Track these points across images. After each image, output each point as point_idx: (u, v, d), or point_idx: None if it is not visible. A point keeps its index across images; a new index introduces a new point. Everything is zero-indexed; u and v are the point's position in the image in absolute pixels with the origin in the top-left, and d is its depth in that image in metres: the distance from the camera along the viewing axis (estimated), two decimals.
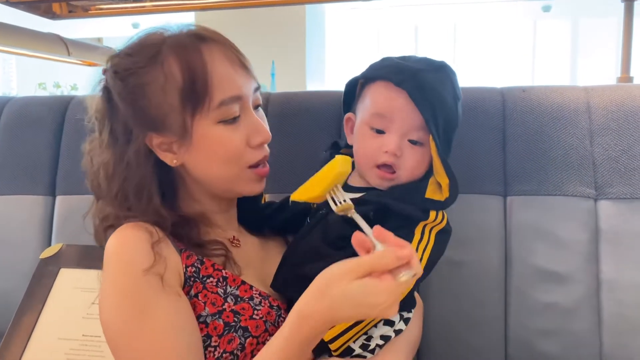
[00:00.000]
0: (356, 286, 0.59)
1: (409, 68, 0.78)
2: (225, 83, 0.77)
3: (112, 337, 0.72)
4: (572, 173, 1.06)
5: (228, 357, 0.74)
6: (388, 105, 0.79)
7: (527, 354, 1.05)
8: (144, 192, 0.78)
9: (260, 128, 0.81)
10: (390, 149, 0.78)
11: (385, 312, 0.60)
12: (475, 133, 1.11)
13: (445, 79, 0.80)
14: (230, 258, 0.82)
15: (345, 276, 0.60)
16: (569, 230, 1.05)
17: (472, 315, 1.07)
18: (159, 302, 0.71)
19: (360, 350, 0.77)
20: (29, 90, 5.04)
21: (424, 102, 0.75)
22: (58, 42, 1.89)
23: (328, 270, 0.63)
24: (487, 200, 1.09)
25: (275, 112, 1.20)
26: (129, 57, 0.77)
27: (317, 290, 0.63)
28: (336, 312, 0.62)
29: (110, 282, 0.73)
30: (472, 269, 1.08)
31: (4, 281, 1.25)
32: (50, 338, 1.07)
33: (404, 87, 0.76)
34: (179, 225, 0.80)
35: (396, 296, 0.59)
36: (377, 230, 0.62)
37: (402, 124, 0.78)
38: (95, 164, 0.81)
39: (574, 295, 1.04)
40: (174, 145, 0.79)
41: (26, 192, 1.28)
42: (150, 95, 0.76)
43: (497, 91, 1.14)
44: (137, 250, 0.73)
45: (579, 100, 1.09)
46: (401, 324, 0.81)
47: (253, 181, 0.83)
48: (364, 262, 0.60)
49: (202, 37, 0.78)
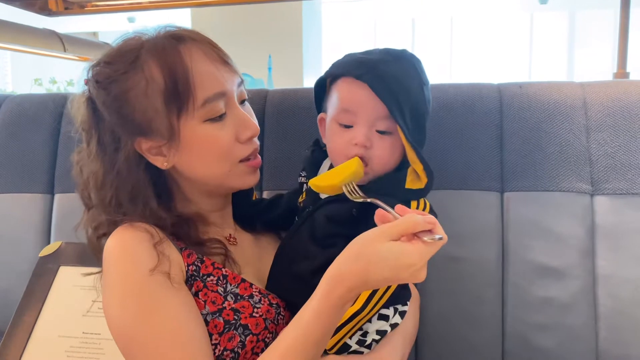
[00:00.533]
0: (390, 247, 0.61)
1: (368, 61, 0.79)
2: (207, 81, 0.77)
3: (123, 338, 0.72)
4: (568, 169, 1.07)
5: (229, 355, 0.74)
6: (351, 100, 0.80)
7: (524, 349, 1.06)
8: (139, 197, 0.78)
9: (247, 122, 0.81)
10: (358, 141, 0.79)
11: (416, 275, 0.62)
12: (472, 129, 1.11)
13: (407, 66, 0.81)
14: (230, 256, 0.83)
15: (380, 238, 0.62)
16: (566, 226, 1.05)
17: (470, 310, 1.08)
18: (168, 300, 0.72)
19: (357, 346, 0.78)
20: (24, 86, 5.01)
21: (385, 92, 0.76)
22: (54, 37, 1.87)
23: (362, 235, 0.64)
24: (484, 196, 1.09)
25: (273, 109, 1.20)
26: (108, 65, 0.77)
27: (352, 253, 0.65)
28: (371, 273, 0.63)
29: (115, 283, 0.73)
30: (469, 265, 1.08)
31: (4, 280, 1.25)
32: (50, 336, 1.08)
33: (364, 80, 0.77)
34: (178, 225, 0.80)
35: (426, 258, 0.62)
36: (399, 207, 0.65)
37: (368, 115, 0.79)
38: (85, 174, 0.81)
39: (571, 291, 1.04)
40: (164, 148, 0.79)
41: (24, 190, 1.27)
42: (134, 101, 0.76)
43: (494, 87, 1.14)
44: (139, 250, 0.73)
45: (575, 96, 1.09)
46: (397, 318, 0.81)
47: (246, 174, 0.83)
48: (396, 224, 0.62)
49: (179, 38, 0.78)
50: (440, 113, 1.12)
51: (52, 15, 1.67)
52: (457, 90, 1.14)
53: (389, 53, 0.82)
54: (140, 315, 0.71)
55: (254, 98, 1.22)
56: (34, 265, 1.15)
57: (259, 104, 1.20)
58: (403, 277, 0.62)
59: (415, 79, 0.80)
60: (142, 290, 0.72)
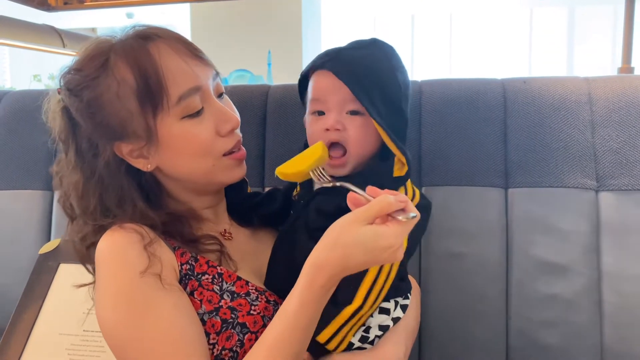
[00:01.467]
0: (366, 231, 0.62)
1: (333, 50, 0.82)
2: (179, 77, 0.75)
3: (115, 341, 0.72)
4: (573, 165, 1.06)
5: (227, 354, 0.74)
6: (319, 88, 0.82)
7: (529, 345, 1.05)
8: (125, 201, 0.77)
9: (227, 115, 0.80)
10: (329, 125, 0.80)
11: (394, 255, 0.63)
12: (476, 125, 1.10)
13: (375, 52, 0.82)
14: (225, 253, 0.81)
15: (355, 223, 0.63)
16: (570, 222, 1.05)
17: (474, 307, 1.07)
18: (159, 301, 0.71)
19: (360, 343, 0.77)
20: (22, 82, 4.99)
21: (347, 74, 0.78)
22: (52, 33, 1.86)
23: (338, 221, 0.65)
24: (488, 193, 1.09)
25: (275, 104, 1.19)
26: (78, 72, 0.75)
27: (329, 241, 0.65)
28: (350, 259, 0.63)
29: (107, 286, 0.72)
30: (473, 261, 1.08)
31: (4, 277, 1.25)
32: (51, 333, 1.07)
33: (327, 67, 0.80)
34: (169, 224, 0.79)
35: (402, 238, 0.63)
36: (370, 189, 0.65)
37: (335, 99, 0.80)
38: (65, 185, 0.80)
39: (575, 287, 1.04)
40: (144, 150, 0.77)
41: (24, 187, 1.26)
42: (107, 105, 0.74)
43: (498, 83, 1.13)
44: (130, 252, 0.72)
45: (580, 91, 1.08)
46: (398, 312, 0.81)
47: (232, 167, 0.82)
48: (370, 207, 0.63)
49: (147, 37, 0.76)
50: (443, 108, 1.12)
51: (52, 10, 1.66)
52: (461, 85, 1.13)
53: (357, 42, 0.83)
54: (131, 318, 0.70)
55: (255, 94, 1.21)
56: (34, 263, 1.14)
57: (261, 100, 1.19)
58: (382, 259, 0.63)
59: (383, 62, 0.81)
60: (132, 293, 0.71)
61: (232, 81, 2.33)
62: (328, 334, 0.74)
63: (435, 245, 1.09)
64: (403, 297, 0.83)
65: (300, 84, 0.88)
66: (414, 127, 1.12)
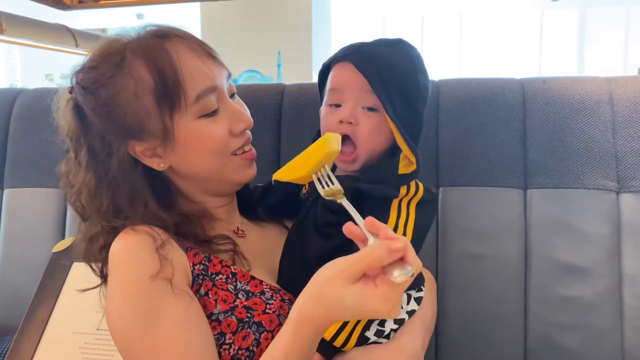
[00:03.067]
0: (351, 293, 0.55)
1: (356, 44, 0.82)
2: (196, 76, 0.75)
3: (122, 344, 0.71)
4: (594, 166, 1.05)
5: (244, 353, 0.73)
6: (338, 79, 0.82)
7: (547, 348, 1.04)
8: (138, 200, 0.76)
9: (240, 115, 0.80)
10: (343, 117, 0.79)
11: (387, 316, 0.55)
12: (495, 125, 1.09)
13: (399, 52, 0.81)
14: (239, 252, 0.81)
15: (338, 279, 0.56)
16: (591, 224, 1.03)
17: (492, 309, 1.06)
18: (168, 307, 0.70)
19: (376, 337, 0.76)
20: (34, 82, 5.02)
21: (367, 67, 0.78)
22: (66, 33, 1.86)
23: (320, 272, 0.59)
24: (506, 194, 1.07)
25: (290, 103, 1.18)
26: (94, 69, 0.74)
27: (312, 294, 0.59)
28: (334, 316, 0.59)
29: (117, 289, 0.72)
30: (491, 263, 1.06)
31: (18, 275, 1.25)
32: (64, 332, 1.07)
33: (348, 59, 0.80)
34: (182, 225, 0.78)
35: (394, 300, 0.55)
36: (369, 222, 0.58)
37: (352, 92, 0.80)
38: (76, 185, 0.78)
39: (595, 290, 1.02)
40: (159, 149, 0.77)
41: (39, 185, 1.27)
42: (124, 103, 0.73)
43: (517, 82, 1.12)
44: (141, 255, 0.72)
45: (601, 91, 1.07)
46: (413, 304, 0.80)
47: (242, 167, 0.82)
48: (355, 261, 0.55)
49: (163, 35, 0.76)
50: (461, 108, 1.10)
51: (67, 9, 1.66)
52: (479, 85, 1.12)
53: (382, 40, 0.83)
54: (138, 324, 0.69)
55: (271, 93, 1.20)
56: (47, 261, 1.14)
57: (276, 99, 1.19)
58: (371, 317, 0.58)
59: (405, 62, 0.81)
60: (141, 298, 0.70)
61: (242, 82, 2.33)
62: (332, 331, 0.73)
63: (452, 246, 1.08)
64: (417, 290, 0.82)
65: (321, 76, 0.88)
66: (431, 126, 1.11)
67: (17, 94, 1.32)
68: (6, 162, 1.31)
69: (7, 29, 1.58)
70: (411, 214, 0.78)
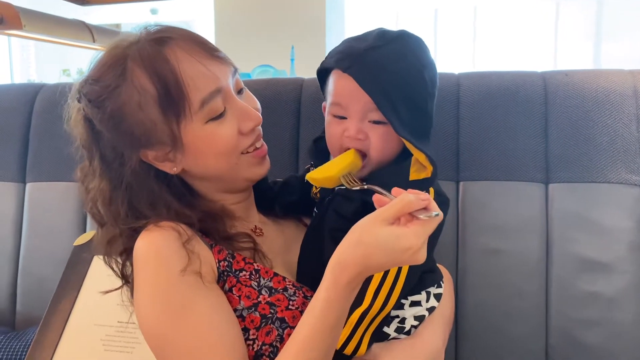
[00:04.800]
0: (387, 232, 0.61)
1: (356, 51, 0.77)
2: (199, 81, 0.74)
3: (153, 341, 0.72)
4: (617, 160, 1.03)
5: (267, 349, 0.73)
6: (341, 94, 0.79)
7: (569, 344, 1.03)
8: (159, 204, 0.77)
9: (249, 113, 0.79)
10: (350, 134, 0.78)
11: (415, 257, 0.61)
12: (516, 119, 1.08)
13: (402, 49, 0.77)
14: (259, 250, 0.81)
15: (376, 223, 0.62)
16: (614, 219, 1.02)
17: (512, 304, 1.06)
18: (199, 301, 0.70)
19: (396, 333, 0.77)
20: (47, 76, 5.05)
21: (371, 83, 0.74)
22: (83, 28, 1.87)
23: (361, 221, 0.64)
24: (528, 188, 1.07)
25: (309, 97, 1.18)
26: (97, 82, 0.74)
27: (352, 240, 0.64)
28: (371, 259, 0.62)
29: (145, 287, 0.72)
30: (512, 258, 1.06)
31: (41, 267, 1.26)
32: (86, 324, 1.08)
33: (350, 73, 0.75)
34: (205, 221, 0.78)
35: (423, 238, 0.61)
36: (395, 190, 0.64)
37: (357, 108, 0.77)
38: (92, 192, 0.79)
39: (618, 285, 1.01)
40: (170, 154, 0.77)
41: (60, 178, 1.28)
42: (130, 115, 0.73)
43: (538, 75, 1.11)
44: (167, 251, 0.72)
45: (625, 84, 1.05)
46: (432, 301, 0.80)
47: (254, 165, 0.82)
48: (390, 206, 0.62)
49: (162, 41, 0.74)
50: (482, 102, 1.09)
51: (85, 5, 1.66)
52: (500, 78, 1.11)
53: (383, 36, 0.78)
54: (168, 319, 0.70)
55: (289, 87, 1.20)
56: (69, 254, 1.15)
57: (295, 93, 1.19)
58: (402, 260, 0.62)
59: (410, 61, 0.77)
60: (170, 294, 0.70)
61: (256, 76, 2.33)
62: (342, 339, 0.73)
63: (472, 242, 1.08)
64: (436, 286, 0.82)
65: (319, 73, 0.86)
66: (451, 120, 1.10)
67: (38, 89, 1.34)
68: (28, 156, 1.32)
69: (26, 25, 1.60)
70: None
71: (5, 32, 1.62)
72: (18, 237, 1.31)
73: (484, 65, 5.33)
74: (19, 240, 1.31)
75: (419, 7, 5.43)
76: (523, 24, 5.38)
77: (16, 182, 1.32)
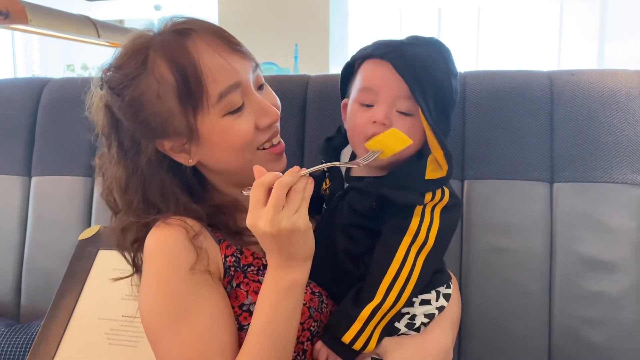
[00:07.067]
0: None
1: (394, 42, 0.78)
2: (218, 74, 0.74)
3: (152, 337, 0.72)
4: (622, 160, 1.03)
5: None
6: (373, 78, 0.78)
7: (573, 343, 1.03)
8: (169, 195, 0.77)
9: (267, 109, 0.79)
10: (378, 118, 0.77)
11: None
12: (522, 118, 1.08)
13: (434, 53, 0.79)
14: None
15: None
16: (618, 219, 1.02)
17: (516, 303, 1.06)
18: (201, 304, 0.71)
19: (406, 329, 0.78)
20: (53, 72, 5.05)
21: (407, 71, 0.75)
22: (88, 24, 1.88)
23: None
24: (533, 187, 1.07)
25: (314, 95, 1.18)
26: (119, 70, 0.75)
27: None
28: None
29: (152, 283, 0.73)
30: (516, 257, 1.06)
31: (46, 261, 1.27)
32: (90, 318, 1.08)
33: (387, 58, 0.76)
34: (214, 215, 0.79)
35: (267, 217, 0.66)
36: (256, 168, 0.70)
37: (389, 94, 0.77)
38: (108, 179, 0.80)
39: (622, 285, 1.02)
40: (186, 146, 0.77)
41: (66, 173, 1.28)
42: (148, 104, 0.74)
43: (544, 75, 1.11)
44: (176, 250, 0.72)
45: (631, 84, 1.05)
46: (442, 301, 0.81)
47: (270, 161, 0.81)
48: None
49: (184, 33, 0.75)
50: (488, 101, 1.10)
51: (90, 0, 1.66)
52: (506, 77, 1.11)
53: (417, 38, 0.80)
54: (169, 321, 0.70)
55: (295, 84, 1.20)
56: (74, 248, 1.15)
57: (301, 90, 1.19)
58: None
59: (441, 65, 0.78)
60: (174, 293, 0.71)
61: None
62: (352, 334, 0.74)
63: (477, 240, 1.08)
64: (445, 286, 0.83)
65: (345, 70, 0.85)
66: (457, 119, 1.10)
67: (44, 83, 1.34)
68: (34, 150, 1.33)
69: (32, 20, 1.60)
70: (435, 219, 0.77)
71: (11, 27, 1.62)
72: (23, 231, 1.32)
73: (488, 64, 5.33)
74: (24, 234, 1.31)
75: (423, 6, 5.43)
76: (527, 23, 5.38)
77: (22, 175, 1.33)
